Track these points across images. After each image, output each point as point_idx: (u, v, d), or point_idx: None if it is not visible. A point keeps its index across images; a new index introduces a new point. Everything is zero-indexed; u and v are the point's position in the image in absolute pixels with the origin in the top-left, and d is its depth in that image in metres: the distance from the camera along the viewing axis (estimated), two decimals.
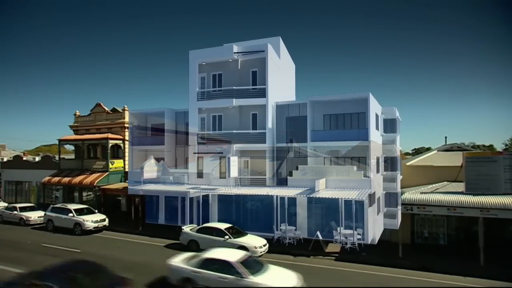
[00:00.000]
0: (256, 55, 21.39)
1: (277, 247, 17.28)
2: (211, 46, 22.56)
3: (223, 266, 11.14)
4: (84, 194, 28.05)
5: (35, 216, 24.05)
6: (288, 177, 20.24)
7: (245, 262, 11.32)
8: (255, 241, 16.24)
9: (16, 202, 29.16)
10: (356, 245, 16.91)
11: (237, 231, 17.10)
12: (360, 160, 19.99)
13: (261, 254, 15.83)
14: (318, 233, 18.09)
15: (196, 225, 18.88)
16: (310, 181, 18.56)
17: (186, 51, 23.36)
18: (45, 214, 22.82)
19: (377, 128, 21.11)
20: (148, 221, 23.54)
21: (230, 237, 16.14)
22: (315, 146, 20.43)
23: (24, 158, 35.71)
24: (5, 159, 36.73)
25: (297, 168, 20.14)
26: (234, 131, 21.38)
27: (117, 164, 28.36)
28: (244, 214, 21.14)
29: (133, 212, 24.05)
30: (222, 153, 21.18)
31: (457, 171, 19.00)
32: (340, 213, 17.08)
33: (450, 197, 15.82)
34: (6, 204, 27.28)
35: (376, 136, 20.51)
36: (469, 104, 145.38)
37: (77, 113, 32.18)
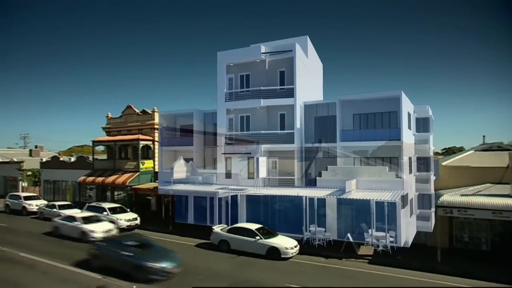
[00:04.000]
0: (284, 55, 21.25)
1: (307, 249, 17.08)
2: (239, 47, 22.66)
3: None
4: (115, 193, 29.06)
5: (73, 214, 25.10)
6: (317, 178, 19.99)
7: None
8: (286, 242, 16.12)
9: (54, 200, 30.68)
10: (389, 248, 16.43)
11: (268, 232, 17.05)
12: (392, 160, 19.44)
13: (292, 255, 15.71)
14: (349, 235, 17.76)
15: (226, 225, 19.03)
16: (340, 182, 18.24)
17: (214, 52, 23.58)
18: (81, 212, 23.77)
19: (409, 127, 20.48)
20: (177, 220, 23.94)
21: (261, 238, 16.12)
22: (344, 146, 20.08)
23: (61, 159, 37.49)
24: (44, 160, 38.71)
25: (326, 169, 19.87)
26: (262, 132, 21.37)
27: (148, 164, 29.13)
28: (272, 215, 21.08)
29: (163, 212, 24.59)
30: (250, 153, 21.23)
31: (500, 172, 17.99)
32: (372, 214, 16.66)
33: (495, 200, 14.94)
34: (46, 202, 28.77)
35: (408, 135, 19.88)
36: (501, 102, 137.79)
37: (109, 115, 33.39)
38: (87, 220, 19.80)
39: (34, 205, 28.19)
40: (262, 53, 21.48)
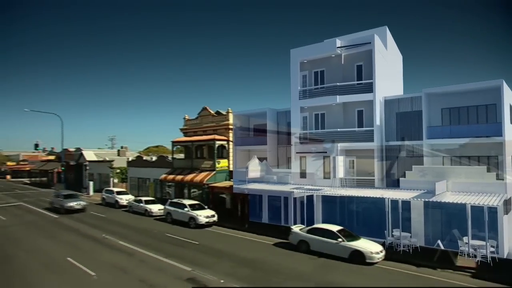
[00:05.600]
0: (361, 48, 20.19)
1: (392, 255, 15.85)
2: (312, 43, 22.14)
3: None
4: (192, 190, 30.81)
5: (156, 208, 27.39)
6: (400, 179, 18.58)
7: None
8: (371, 246, 15.14)
9: (138, 196, 33.82)
10: (489, 258, 14.45)
11: (349, 234, 16.28)
12: (489, 160, 17.21)
13: (377, 260, 14.74)
14: (439, 242, 16.16)
15: (303, 226, 18.76)
16: (427, 183, 16.72)
17: (287, 50, 23.46)
18: (165, 207, 25.75)
19: (511, 121, 17.91)
20: (252, 219, 24.39)
21: (343, 240, 15.46)
22: (432, 144, 18.34)
23: (144, 158, 41.13)
24: (129, 159, 42.92)
25: (411, 169, 18.36)
26: (338, 130, 20.60)
27: (222, 163, 30.25)
28: (349, 216, 20.23)
29: (239, 210, 25.25)
30: (325, 152, 20.64)
31: None
32: (468, 220, 14.86)
33: None
34: (133, 197, 31.85)
35: (511, 131, 17.39)
36: None
37: (186, 117, 35.55)
38: None
39: (124, 199, 31.53)
40: (338, 47, 20.69)
